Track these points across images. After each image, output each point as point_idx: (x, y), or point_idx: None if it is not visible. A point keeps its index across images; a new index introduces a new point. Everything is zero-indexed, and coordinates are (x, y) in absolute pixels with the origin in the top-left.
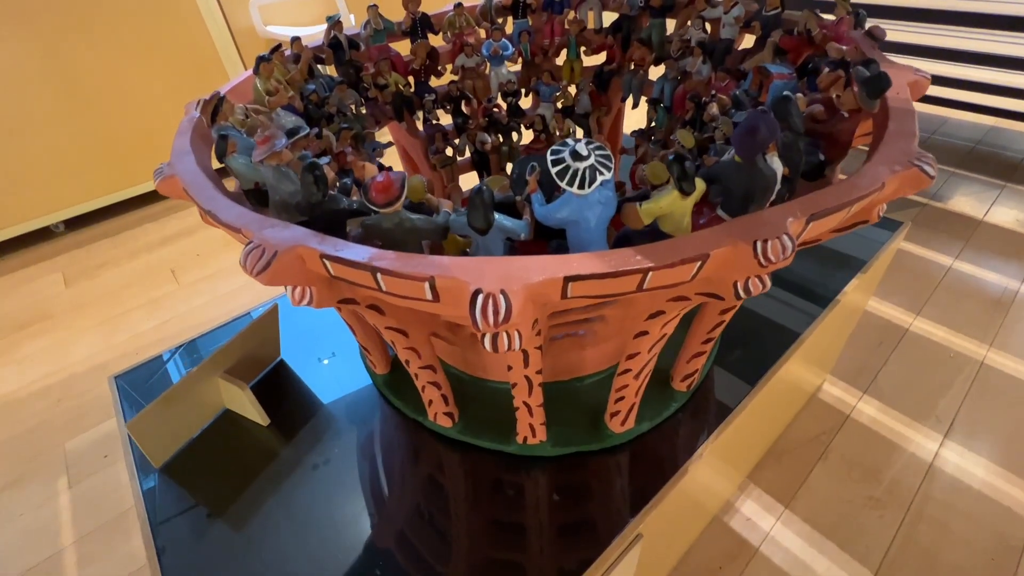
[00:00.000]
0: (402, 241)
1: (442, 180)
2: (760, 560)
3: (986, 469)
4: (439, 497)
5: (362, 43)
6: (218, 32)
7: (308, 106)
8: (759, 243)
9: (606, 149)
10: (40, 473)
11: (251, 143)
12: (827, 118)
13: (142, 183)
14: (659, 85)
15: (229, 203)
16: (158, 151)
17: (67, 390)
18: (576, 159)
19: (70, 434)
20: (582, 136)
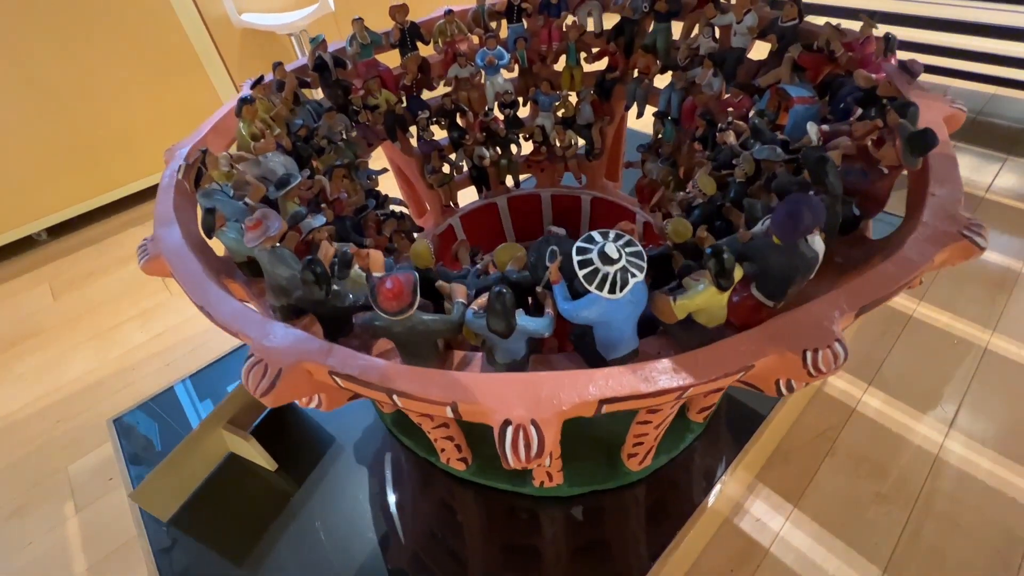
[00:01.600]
0: (414, 343)
1: (440, 199)
2: (771, 561)
3: (991, 460)
4: (453, 538)
5: (348, 60)
6: (190, 23)
7: (296, 143)
8: (809, 353)
9: (637, 244)
10: (45, 499)
11: (240, 207)
12: (860, 164)
13: (123, 186)
14: (665, 95)
15: (223, 295)
16: (137, 152)
17: (65, 411)
18: (606, 262)
19: (72, 457)
20: (612, 236)
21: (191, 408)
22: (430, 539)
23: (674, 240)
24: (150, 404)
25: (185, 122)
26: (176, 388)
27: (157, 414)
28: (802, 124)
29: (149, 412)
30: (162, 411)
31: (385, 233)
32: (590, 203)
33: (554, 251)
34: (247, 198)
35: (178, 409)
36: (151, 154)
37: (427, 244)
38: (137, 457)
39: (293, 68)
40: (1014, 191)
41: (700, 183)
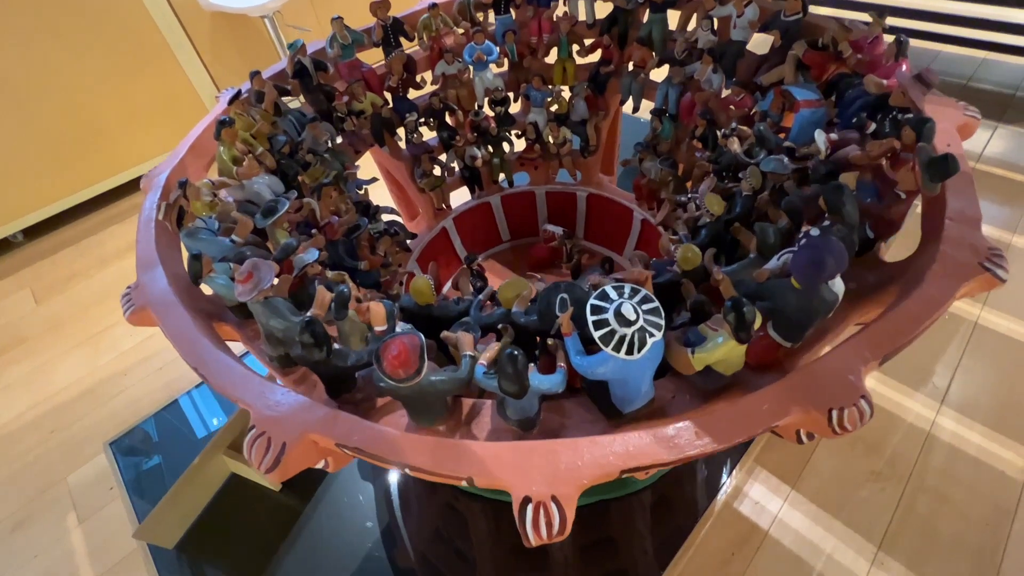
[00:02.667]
0: (422, 402)
1: (432, 202)
2: (770, 543)
3: (981, 434)
4: (461, 548)
5: (330, 63)
6: (156, 9)
7: (281, 160)
8: (834, 412)
9: (654, 300)
10: (47, 511)
11: (227, 245)
12: (872, 178)
13: (100, 182)
14: (662, 91)
15: (218, 356)
16: (111, 146)
17: (58, 420)
18: (623, 323)
19: (70, 467)
20: (628, 291)
21: (191, 422)
22: (438, 545)
23: (683, 268)
24: (140, 428)
25: (159, 112)
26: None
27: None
28: (808, 129)
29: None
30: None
31: (380, 252)
32: (586, 199)
33: (564, 300)
34: (234, 235)
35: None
36: (126, 148)
37: (427, 280)
38: (138, 483)
39: (271, 75)
40: (1004, 159)
41: (707, 202)
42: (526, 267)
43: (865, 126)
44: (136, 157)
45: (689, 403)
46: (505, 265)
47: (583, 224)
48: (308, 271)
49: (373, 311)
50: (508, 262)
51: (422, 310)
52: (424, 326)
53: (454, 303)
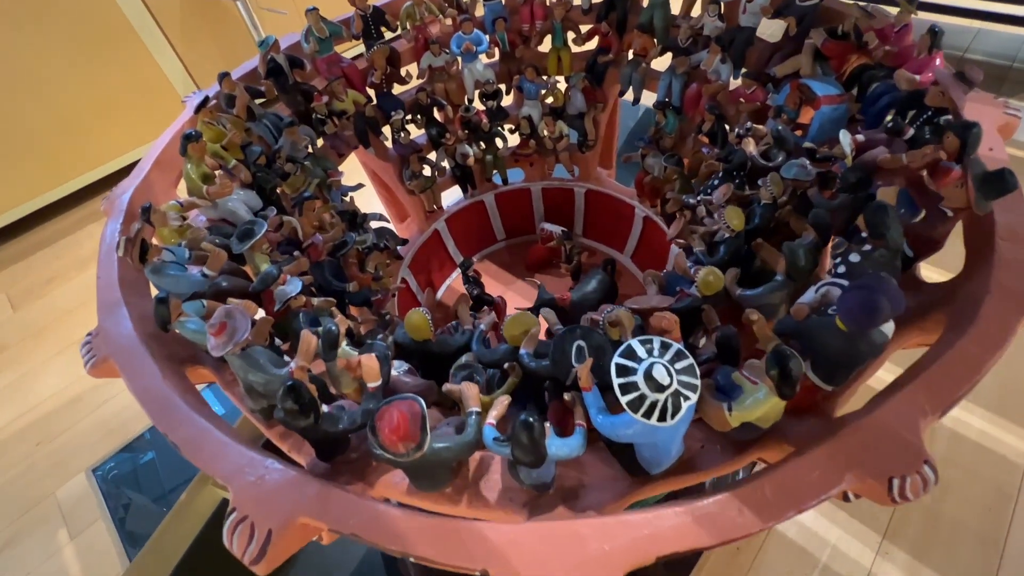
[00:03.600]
0: (425, 471)
1: (422, 205)
2: (775, 537)
3: (982, 419)
4: None
5: (306, 60)
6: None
7: (257, 173)
8: (896, 481)
9: (687, 356)
10: (38, 527)
11: (198, 280)
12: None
13: (73, 179)
14: (665, 82)
15: (192, 419)
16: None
17: (44, 431)
18: (655, 388)
19: (58, 481)
20: (657, 347)
21: None
22: None
23: (704, 292)
24: (125, 453)
25: (131, 103)
26: None
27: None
28: (830, 128)
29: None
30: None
31: (369, 269)
32: (584, 196)
33: (582, 348)
34: (206, 268)
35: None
36: (99, 142)
37: (423, 315)
38: (123, 513)
39: (242, 75)
40: None
41: (728, 216)
42: (523, 268)
43: (902, 131)
44: (110, 151)
45: (720, 455)
46: (501, 266)
47: (582, 221)
48: (292, 304)
49: (365, 367)
50: (504, 263)
51: (419, 346)
52: (422, 362)
53: (453, 336)
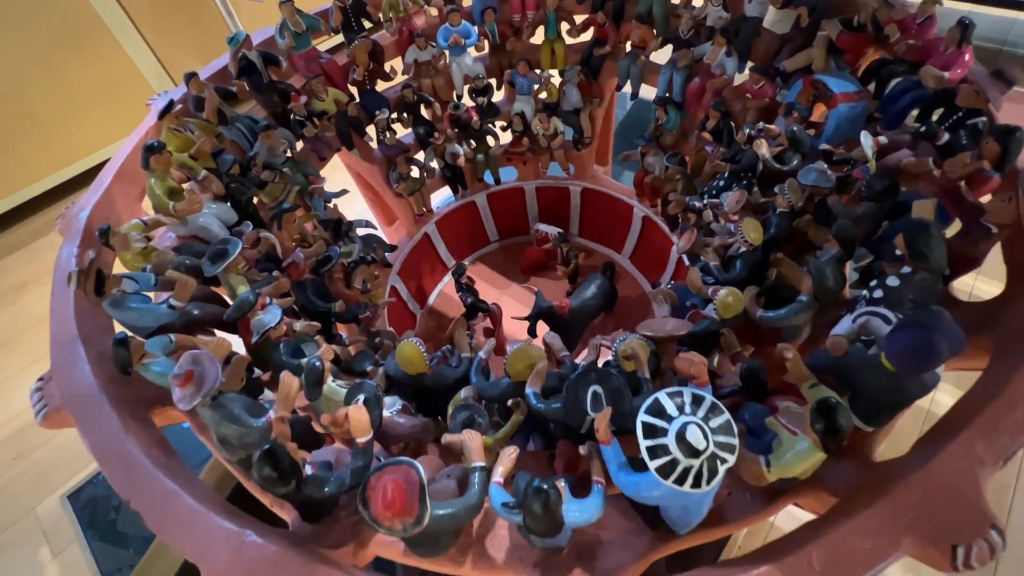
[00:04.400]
0: (426, 540)
1: (411, 208)
2: (775, 535)
3: None
4: None
5: (282, 56)
6: None
7: (230, 184)
8: (960, 549)
9: (723, 412)
10: (18, 545)
11: (164, 313)
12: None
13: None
14: (666, 76)
15: (159, 482)
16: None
17: (21, 446)
18: (689, 453)
19: (38, 496)
20: (688, 402)
21: None
22: None
23: (724, 315)
24: None
25: (102, 98)
26: None
27: None
28: (847, 128)
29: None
30: None
31: (356, 285)
32: (580, 195)
33: (598, 395)
34: (173, 299)
35: None
36: (70, 138)
37: (416, 347)
38: (102, 538)
39: (211, 74)
40: None
41: (745, 229)
42: (518, 271)
43: (936, 136)
44: (82, 149)
45: (751, 503)
46: (495, 269)
47: (578, 221)
48: (271, 335)
49: (353, 421)
50: (498, 265)
51: (414, 380)
52: (417, 396)
53: (450, 366)
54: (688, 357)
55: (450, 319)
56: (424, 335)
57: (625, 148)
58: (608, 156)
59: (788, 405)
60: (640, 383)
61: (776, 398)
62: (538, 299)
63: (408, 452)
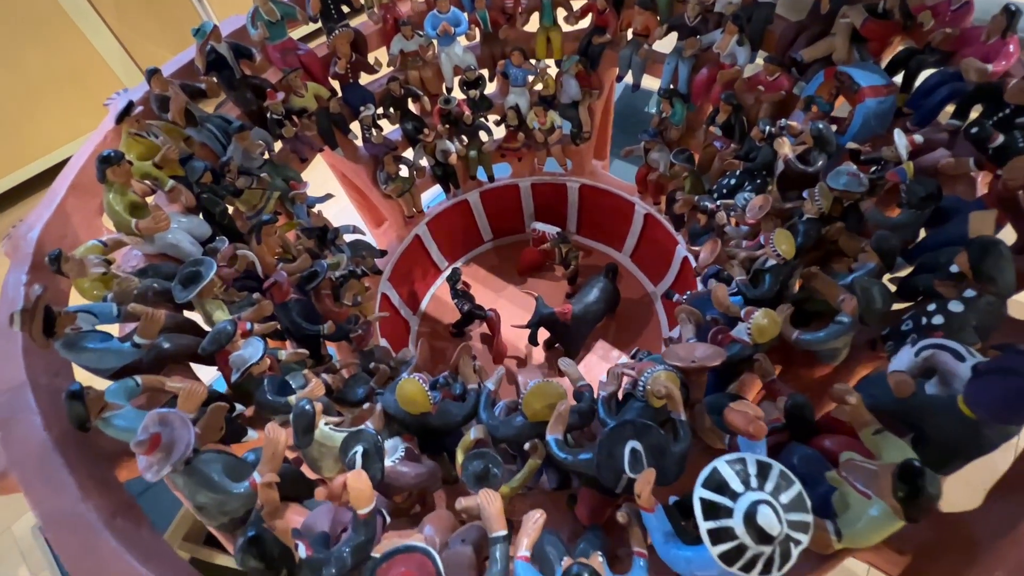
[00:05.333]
0: None
1: (400, 209)
2: None
3: None
4: None
5: (255, 48)
6: None
7: (202, 195)
8: None
9: (793, 483)
10: None
11: (128, 351)
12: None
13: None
14: (670, 66)
15: (124, 566)
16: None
17: None
18: (759, 538)
19: (13, 514)
20: (754, 474)
21: None
22: None
23: (758, 340)
24: None
25: (65, 89)
26: None
27: None
28: (874, 124)
29: None
30: None
31: (346, 302)
32: (578, 192)
33: (637, 453)
34: (138, 336)
35: None
36: (32, 133)
37: (418, 385)
38: None
39: (176, 70)
40: None
41: (777, 241)
42: (514, 272)
43: (990, 138)
44: (45, 144)
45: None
46: (490, 270)
47: (575, 219)
48: (254, 371)
49: (352, 491)
50: (493, 266)
51: (417, 420)
52: (421, 434)
53: (454, 394)
54: (743, 411)
55: (445, 324)
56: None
57: (620, 138)
58: (606, 150)
59: (852, 457)
60: (677, 428)
61: (824, 438)
62: (538, 305)
63: (414, 497)
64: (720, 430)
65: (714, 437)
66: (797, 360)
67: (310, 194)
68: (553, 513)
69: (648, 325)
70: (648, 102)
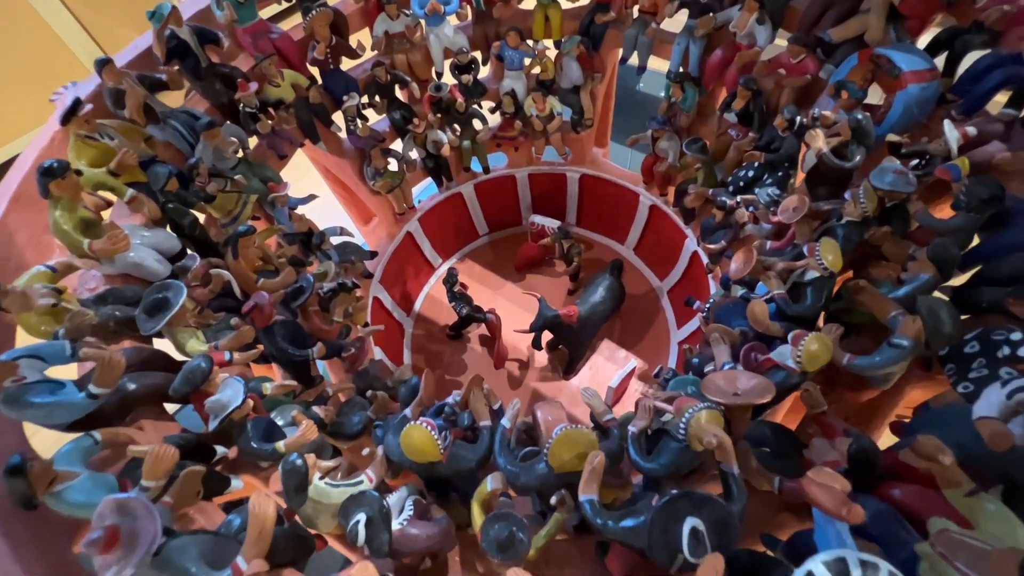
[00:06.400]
0: None
1: (391, 206)
2: None
3: None
4: None
5: (223, 33)
6: None
7: (167, 205)
8: None
9: None
10: None
11: (80, 402)
12: None
13: None
14: (681, 45)
15: None
16: None
17: None
18: None
19: None
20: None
21: None
22: None
23: (808, 368)
24: None
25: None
26: None
27: None
28: (916, 113)
29: None
30: None
31: (336, 318)
32: (579, 182)
33: (699, 533)
34: (94, 385)
35: None
36: None
37: (426, 433)
38: None
39: (132, 59)
40: None
41: (823, 251)
42: (512, 268)
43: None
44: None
45: None
46: (486, 266)
47: (575, 210)
48: (234, 416)
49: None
50: (489, 262)
51: (427, 470)
52: (436, 491)
53: (468, 446)
54: (828, 486)
55: (440, 325)
56: (415, 348)
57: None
58: (607, 137)
59: (946, 528)
60: (729, 484)
61: (892, 486)
62: (542, 307)
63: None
64: (769, 471)
65: (761, 479)
66: (842, 381)
67: (292, 195)
68: (579, 565)
69: (655, 322)
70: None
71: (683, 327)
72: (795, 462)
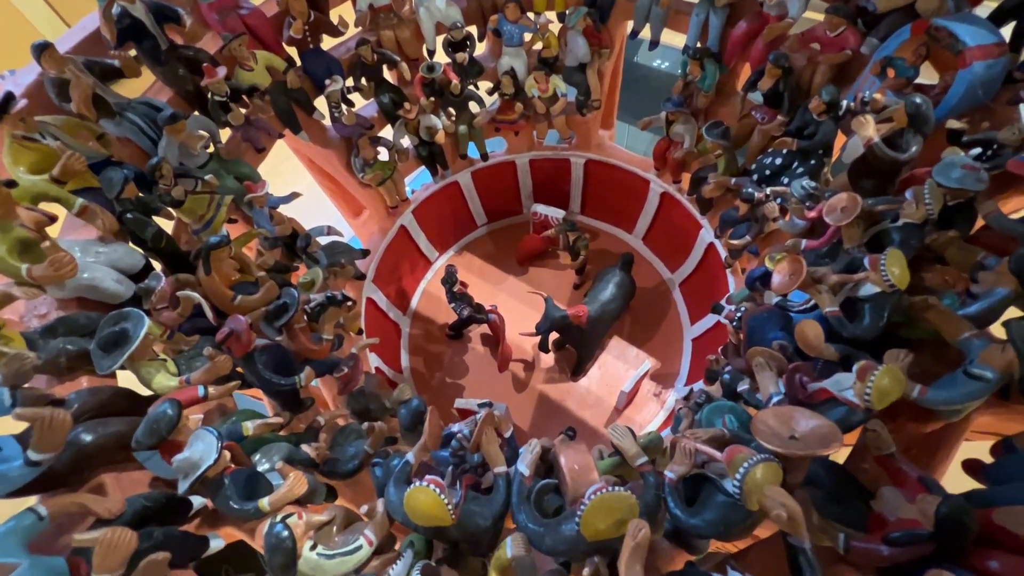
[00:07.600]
0: None
1: (382, 199)
2: None
3: None
4: None
5: (184, 10)
6: None
7: (126, 215)
8: None
9: None
10: None
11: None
12: None
13: None
14: (699, 17)
15: None
16: None
17: None
18: None
19: None
20: None
21: None
22: None
23: (877, 405)
24: None
25: None
26: None
27: None
28: (981, 94)
29: None
30: None
31: (326, 336)
32: (584, 168)
33: None
34: (34, 450)
35: None
36: None
37: (434, 496)
38: None
39: (78, 43)
40: None
41: (889, 264)
42: (513, 260)
43: None
44: None
45: None
46: (486, 259)
47: (579, 198)
48: (209, 474)
49: None
50: (488, 254)
51: (436, 532)
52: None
53: (480, 501)
54: None
55: (439, 324)
56: (412, 350)
57: None
58: (613, 117)
59: None
60: (800, 565)
61: (987, 555)
62: (548, 307)
63: None
64: (832, 526)
65: (822, 535)
66: (906, 412)
67: (272, 193)
68: None
69: (666, 317)
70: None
71: (696, 323)
72: (856, 510)
